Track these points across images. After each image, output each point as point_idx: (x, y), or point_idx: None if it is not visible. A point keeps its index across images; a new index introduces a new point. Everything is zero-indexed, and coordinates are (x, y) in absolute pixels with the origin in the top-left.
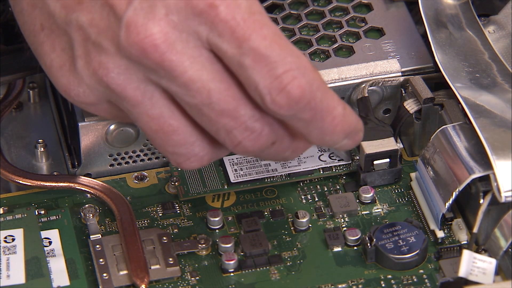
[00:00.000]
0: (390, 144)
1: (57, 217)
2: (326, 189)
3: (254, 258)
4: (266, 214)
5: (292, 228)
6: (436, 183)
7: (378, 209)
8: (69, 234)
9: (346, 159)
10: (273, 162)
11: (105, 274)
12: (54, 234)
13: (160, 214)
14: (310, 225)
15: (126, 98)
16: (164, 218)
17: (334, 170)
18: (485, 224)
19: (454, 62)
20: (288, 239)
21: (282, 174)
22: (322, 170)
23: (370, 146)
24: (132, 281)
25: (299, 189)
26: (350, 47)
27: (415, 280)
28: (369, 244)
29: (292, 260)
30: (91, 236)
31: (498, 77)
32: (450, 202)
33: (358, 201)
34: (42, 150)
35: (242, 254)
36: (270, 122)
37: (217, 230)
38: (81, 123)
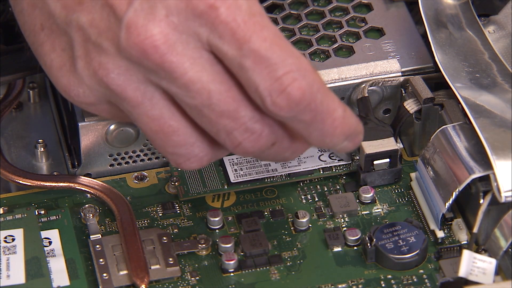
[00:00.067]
0: (390, 144)
1: (57, 217)
2: (326, 189)
3: (254, 258)
4: (266, 214)
5: (292, 228)
6: (436, 183)
7: (378, 209)
8: (69, 234)
9: (346, 159)
10: (273, 162)
11: (105, 274)
12: (54, 234)
13: (160, 214)
14: (310, 225)
15: (126, 98)
16: (164, 218)
17: (334, 170)
18: (485, 224)
19: (454, 62)
20: (288, 239)
21: (282, 174)
22: (322, 170)
23: (370, 146)
24: (132, 281)
25: (299, 189)
26: (350, 47)
27: (415, 280)
28: (369, 244)
29: (292, 260)
30: (91, 236)
31: (498, 77)
32: (450, 202)
33: (358, 201)
34: (42, 150)
35: (242, 254)
36: (270, 123)
37: (217, 230)
38: (81, 123)
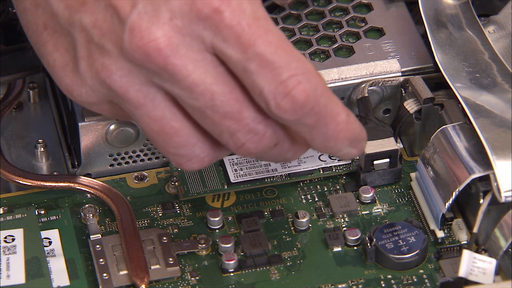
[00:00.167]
0: (390, 144)
1: (57, 217)
2: (326, 189)
3: (254, 258)
4: (266, 214)
5: (292, 228)
6: (436, 183)
7: (378, 209)
8: (69, 234)
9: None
10: (273, 162)
11: (105, 274)
12: (54, 234)
13: (160, 214)
14: (310, 225)
15: (128, 100)
16: (164, 218)
17: (334, 170)
18: (485, 224)
19: (454, 62)
20: (288, 239)
21: (282, 174)
22: (322, 170)
23: (370, 146)
24: (132, 281)
25: (299, 189)
26: (350, 47)
27: (415, 280)
28: (369, 244)
29: (292, 260)
30: (91, 236)
31: (498, 77)
32: (450, 202)
33: (358, 201)
34: (42, 150)
35: (242, 254)
36: (273, 124)
37: (217, 230)
38: (81, 123)
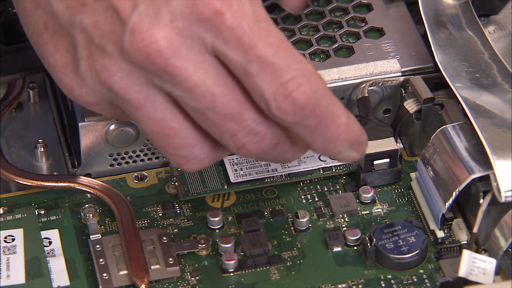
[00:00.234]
0: (390, 144)
1: (57, 217)
2: (326, 189)
3: (254, 258)
4: (266, 214)
5: (292, 228)
6: (436, 183)
7: (378, 209)
8: (69, 234)
9: None
10: (273, 163)
11: (105, 274)
12: (54, 234)
13: (160, 214)
14: (310, 225)
15: (128, 100)
16: (164, 218)
17: (334, 170)
18: (485, 224)
19: (454, 62)
20: (288, 239)
21: (282, 174)
22: (322, 170)
23: (370, 146)
24: (132, 281)
25: (299, 189)
26: (350, 47)
27: (415, 280)
28: (369, 244)
29: (292, 260)
30: (91, 236)
31: (498, 77)
32: (450, 202)
33: (358, 201)
34: (42, 150)
35: (242, 254)
36: (273, 125)
37: (217, 230)
38: (81, 123)
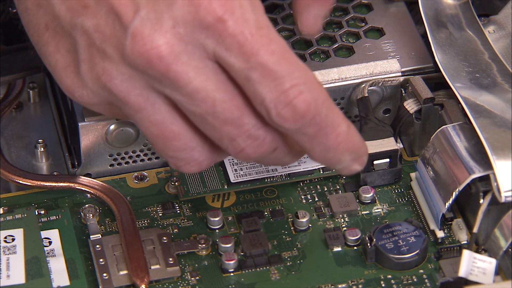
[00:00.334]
0: (390, 144)
1: (57, 217)
2: (326, 189)
3: (254, 258)
4: (266, 214)
5: (292, 228)
6: (436, 183)
7: (378, 209)
8: (69, 234)
9: None
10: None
11: (105, 274)
12: (54, 234)
13: (160, 214)
14: (310, 225)
15: (128, 103)
16: (164, 218)
17: (334, 170)
18: (485, 224)
19: (454, 62)
20: (288, 239)
21: (282, 174)
22: (322, 170)
23: (370, 146)
24: (132, 281)
25: (299, 189)
26: (350, 47)
27: (415, 280)
28: (369, 244)
29: (292, 260)
30: (91, 236)
31: (498, 77)
32: (450, 202)
33: (358, 201)
34: (42, 150)
35: (242, 254)
36: (272, 130)
37: (217, 230)
38: (81, 123)
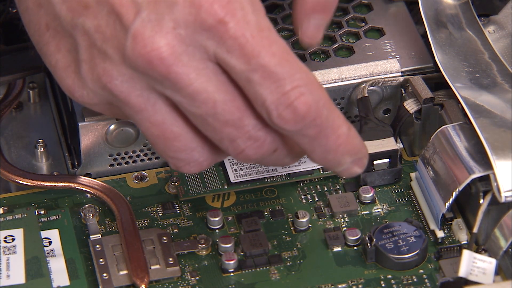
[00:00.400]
0: (390, 144)
1: (57, 217)
2: (326, 189)
3: (254, 258)
4: (266, 214)
5: (292, 228)
6: (436, 183)
7: (378, 209)
8: (69, 234)
9: None
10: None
11: (105, 274)
12: (54, 234)
13: (160, 214)
14: (310, 225)
15: (129, 104)
16: (164, 218)
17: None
18: (485, 224)
19: (454, 62)
20: (288, 239)
21: (282, 174)
22: (322, 170)
23: (370, 146)
24: (132, 281)
25: (299, 189)
26: (350, 47)
27: (415, 280)
28: (369, 244)
29: (292, 260)
30: (91, 236)
31: (498, 77)
32: (450, 202)
33: (358, 201)
34: (42, 150)
35: (242, 254)
36: (272, 131)
37: (217, 230)
38: (81, 123)
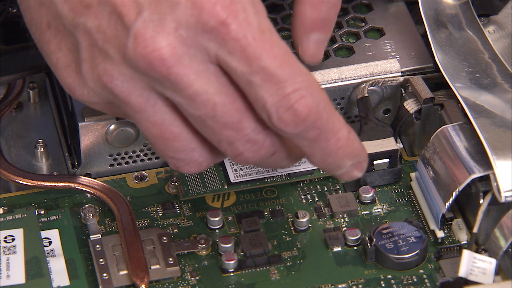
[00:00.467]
0: (390, 144)
1: (57, 217)
2: (326, 189)
3: (254, 258)
4: (266, 214)
5: (292, 228)
6: (436, 183)
7: (378, 209)
8: (69, 234)
9: None
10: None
11: (105, 274)
12: (54, 234)
13: (160, 214)
14: (310, 225)
15: (129, 104)
16: (164, 218)
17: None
18: (485, 224)
19: (454, 62)
20: (288, 239)
21: (282, 174)
22: (322, 170)
23: (370, 146)
24: (132, 281)
25: (299, 189)
26: (350, 47)
27: (415, 280)
28: (369, 244)
29: (292, 260)
30: (91, 236)
31: (498, 77)
32: (450, 202)
33: (358, 201)
34: (42, 150)
35: (242, 254)
36: (271, 134)
37: (217, 230)
38: (81, 123)
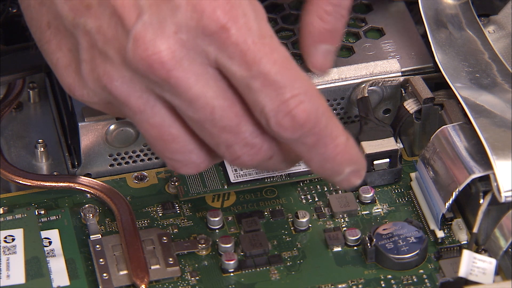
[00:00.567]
0: (390, 144)
1: (57, 217)
2: (326, 189)
3: (254, 258)
4: (266, 214)
5: (292, 228)
6: (436, 183)
7: (378, 209)
8: (69, 234)
9: None
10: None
11: (105, 274)
12: (54, 234)
13: (160, 214)
14: (310, 225)
15: (128, 105)
16: (164, 218)
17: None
18: (485, 224)
19: (454, 62)
20: (288, 239)
21: (282, 174)
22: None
23: (370, 146)
24: (132, 281)
25: (299, 189)
26: (350, 47)
27: (415, 280)
28: (369, 244)
29: (292, 260)
30: (91, 236)
31: (498, 77)
32: (450, 202)
33: (358, 201)
34: (42, 150)
35: (242, 254)
36: (269, 138)
37: (217, 230)
38: (81, 123)
